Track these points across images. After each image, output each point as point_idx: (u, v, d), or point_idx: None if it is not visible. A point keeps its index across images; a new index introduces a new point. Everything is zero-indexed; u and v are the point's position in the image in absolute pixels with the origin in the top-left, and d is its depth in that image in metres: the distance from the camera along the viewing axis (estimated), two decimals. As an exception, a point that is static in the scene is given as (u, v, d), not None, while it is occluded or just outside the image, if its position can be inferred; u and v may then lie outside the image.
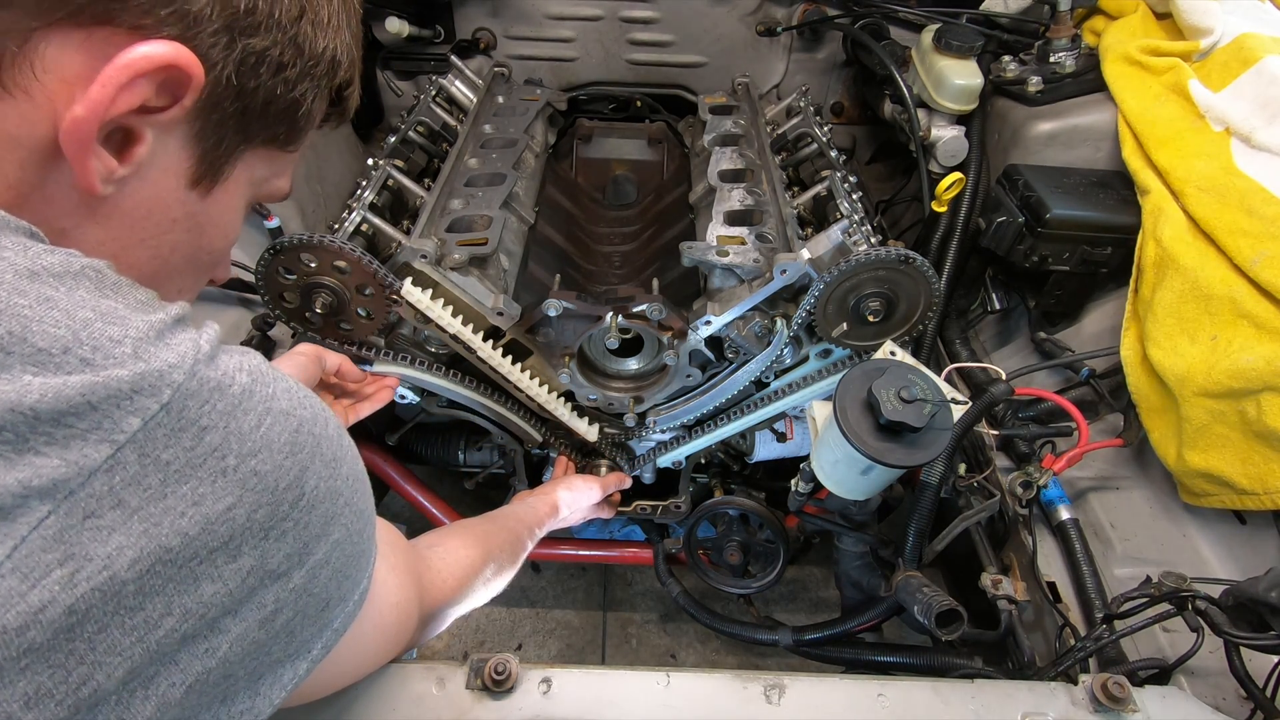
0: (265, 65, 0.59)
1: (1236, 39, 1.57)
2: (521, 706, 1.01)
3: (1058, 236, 1.57)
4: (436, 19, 2.22)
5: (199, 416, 0.49)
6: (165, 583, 0.48)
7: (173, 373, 0.49)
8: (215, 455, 0.50)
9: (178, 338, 0.50)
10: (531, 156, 1.88)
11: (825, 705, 1.03)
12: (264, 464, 0.53)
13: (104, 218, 0.57)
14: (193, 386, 0.49)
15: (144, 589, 0.47)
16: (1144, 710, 1.02)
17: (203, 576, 0.50)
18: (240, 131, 0.62)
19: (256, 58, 0.58)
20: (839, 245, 1.33)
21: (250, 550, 0.52)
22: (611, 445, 1.67)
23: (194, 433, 0.49)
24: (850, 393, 1.13)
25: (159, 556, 0.47)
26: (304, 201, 1.82)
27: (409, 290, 1.33)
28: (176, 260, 0.65)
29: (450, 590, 0.99)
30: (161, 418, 0.48)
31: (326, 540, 0.59)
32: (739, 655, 2.10)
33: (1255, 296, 1.25)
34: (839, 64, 2.35)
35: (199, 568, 0.50)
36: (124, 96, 0.51)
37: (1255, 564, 1.25)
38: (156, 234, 0.61)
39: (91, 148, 0.52)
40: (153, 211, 0.60)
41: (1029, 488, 1.38)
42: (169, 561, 0.48)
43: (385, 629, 0.80)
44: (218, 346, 0.53)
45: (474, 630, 2.16)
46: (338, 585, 0.62)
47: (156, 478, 0.47)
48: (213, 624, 0.52)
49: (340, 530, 0.60)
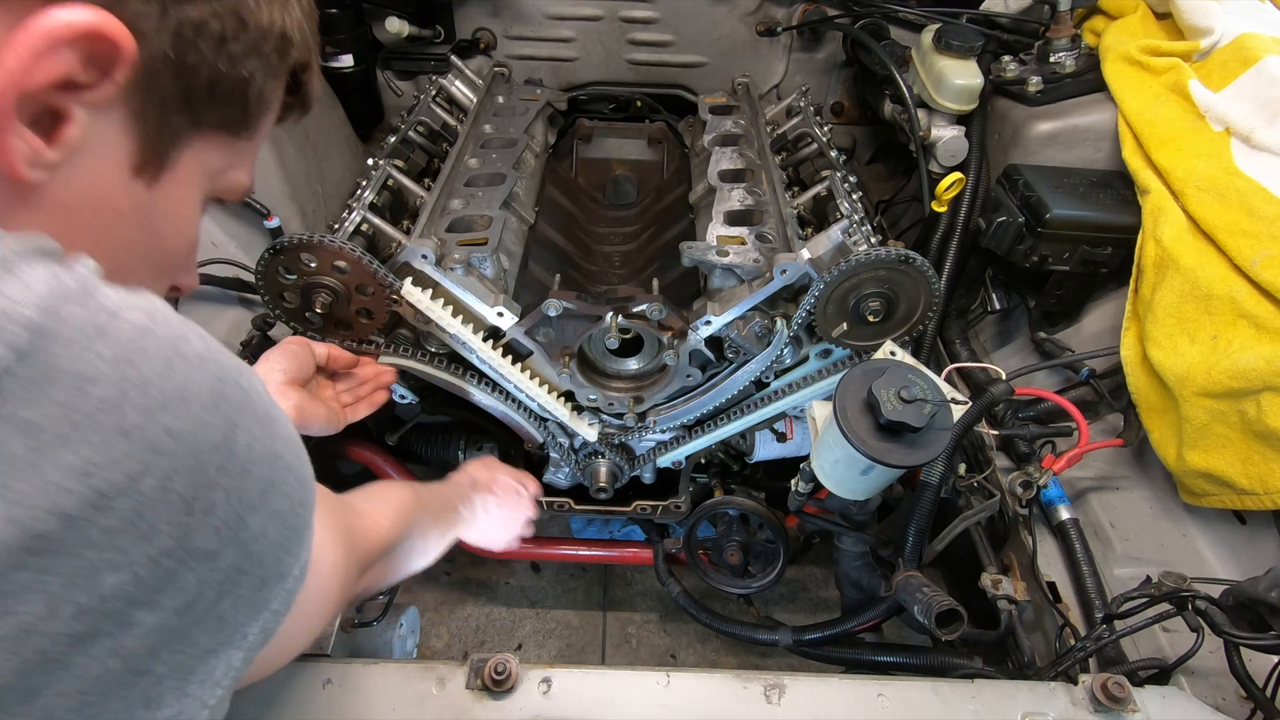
0: (205, 38, 0.55)
1: (1236, 39, 1.57)
2: (521, 706, 1.01)
3: (1058, 236, 1.57)
4: (436, 19, 2.22)
5: (75, 364, 0.41)
6: (42, 577, 0.39)
7: (19, 311, 0.40)
8: (107, 411, 0.41)
9: (30, 271, 0.42)
10: (531, 156, 1.88)
11: (825, 705, 1.03)
12: (179, 420, 0.44)
13: (38, 208, 0.52)
14: (56, 327, 0.41)
15: (8, 589, 0.39)
16: (1144, 710, 1.02)
17: (101, 565, 0.41)
18: (186, 113, 0.57)
19: (194, 29, 0.54)
20: (839, 245, 1.34)
21: (167, 528, 0.44)
22: (611, 445, 1.67)
23: (70, 385, 0.40)
24: (850, 393, 1.13)
25: (28, 546, 0.39)
26: (304, 201, 1.82)
27: (409, 290, 1.33)
28: (129, 260, 0.60)
29: (384, 532, 0.94)
30: (15, 367, 0.39)
31: (264, 511, 0.50)
32: (739, 655, 2.10)
33: (1255, 296, 1.25)
34: (839, 64, 2.35)
35: (94, 554, 0.41)
36: (42, 67, 0.46)
37: (1255, 564, 1.25)
38: (101, 227, 0.56)
39: (10, 125, 0.47)
40: (94, 202, 0.55)
41: (1029, 488, 1.38)
42: (46, 551, 0.39)
43: (326, 593, 0.75)
44: (94, 283, 0.44)
45: (474, 630, 2.16)
46: (276, 562, 0.53)
47: (19, 445, 0.39)
48: (118, 618, 0.43)
49: (281, 499, 0.52)
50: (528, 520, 1.44)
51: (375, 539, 0.92)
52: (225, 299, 1.70)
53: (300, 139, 1.85)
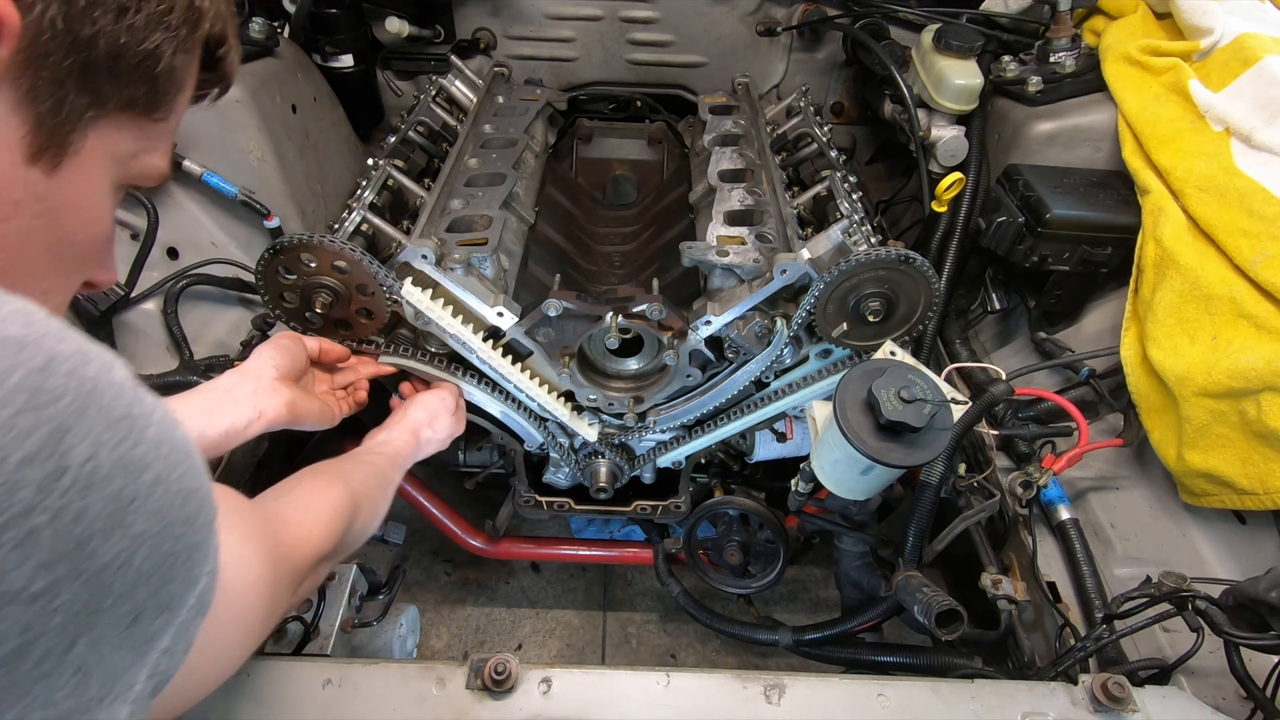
0: (100, 7, 0.50)
1: (1236, 39, 1.57)
2: (521, 706, 1.01)
3: (1058, 236, 1.57)
4: (436, 19, 2.22)
5: None
6: None
7: None
8: None
9: None
10: (531, 156, 1.88)
11: (825, 705, 1.03)
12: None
13: None
14: None
15: None
16: (1144, 710, 1.02)
17: None
18: (86, 92, 0.53)
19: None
20: (839, 245, 1.33)
21: None
22: (611, 445, 1.67)
23: None
24: (850, 393, 1.13)
25: None
26: (304, 201, 1.82)
27: (409, 290, 1.33)
28: (31, 252, 0.54)
29: (318, 540, 0.88)
30: None
31: (122, 534, 0.41)
32: (739, 655, 2.10)
33: (1255, 296, 1.25)
34: (839, 64, 2.35)
35: None
36: None
37: (1255, 564, 1.25)
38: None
39: None
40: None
41: (1029, 488, 1.38)
42: None
43: (250, 614, 0.68)
44: None
45: (474, 630, 2.16)
46: (153, 593, 0.44)
47: None
48: None
49: (147, 519, 0.42)
50: (454, 410, 1.40)
51: (309, 549, 0.86)
52: (225, 299, 1.70)
53: (300, 139, 1.85)
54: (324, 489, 0.94)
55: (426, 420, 1.34)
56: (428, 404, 1.36)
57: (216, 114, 1.63)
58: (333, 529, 0.90)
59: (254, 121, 1.68)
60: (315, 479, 0.97)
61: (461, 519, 1.95)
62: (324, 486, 0.95)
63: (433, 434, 1.34)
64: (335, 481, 0.97)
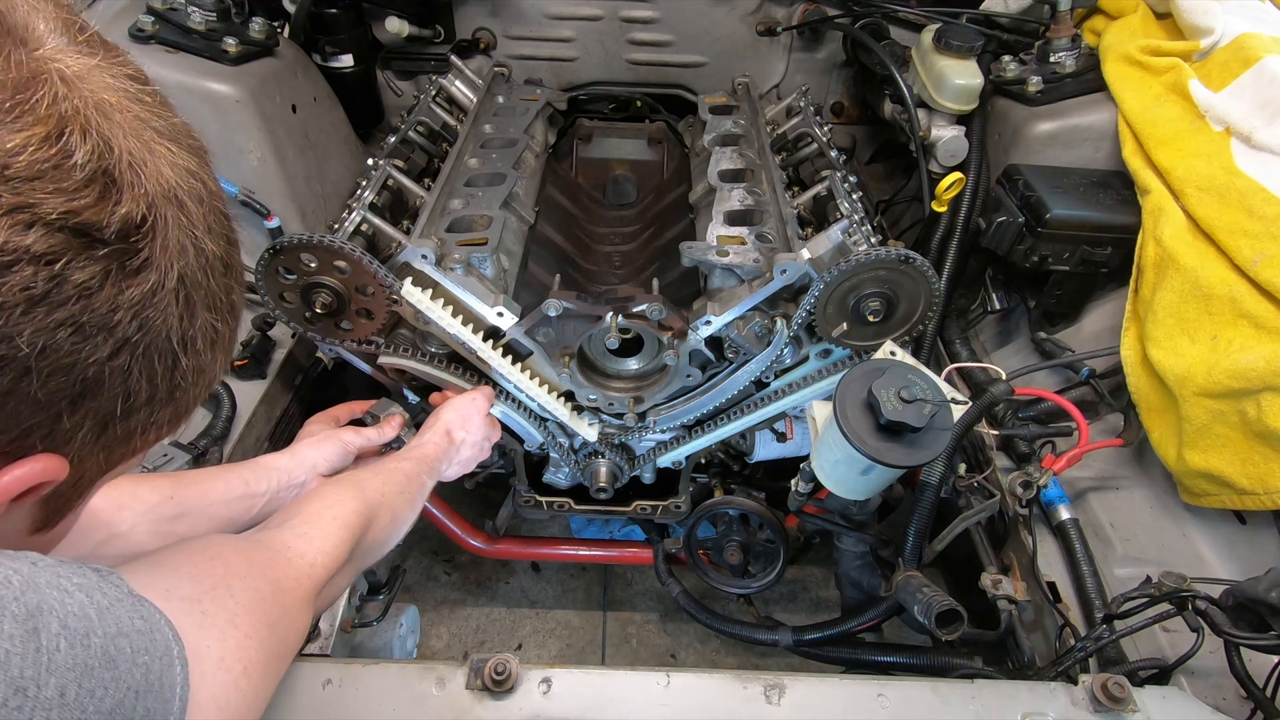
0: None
1: (1236, 39, 1.57)
2: (521, 706, 1.01)
3: (1058, 236, 1.57)
4: (436, 19, 2.22)
5: None
6: None
7: None
8: None
9: None
10: (531, 156, 1.88)
11: (825, 705, 1.03)
12: None
13: None
14: None
15: None
16: (1144, 710, 1.02)
17: None
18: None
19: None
20: (839, 245, 1.34)
21: None
22: (611, 445, 1.67)
23: None
24: (850, 393, 1.13)
25: None
26: (304, 201, 1.82)
27: (409, 290, 1.33)
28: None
29: (324, 564, 0.88)
30: None
31: None
32: (739, 655, 2.10)
33: (1255, 296, 1.25)
34: (839, 64, 2.35)
35: None
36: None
37: (1255, 564, 1.25)
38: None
39: None
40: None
41: (1029, 488, 1.38)
42: None
43: (239, 706, 0.67)
44: None
45: (474, 630, 2.16)
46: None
47: None
48: None
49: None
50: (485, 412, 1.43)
51: (316, 575, 0.86)
52: (225, 299, 1.70)
53: (300, 139, 1.85)
54: (333, 505, 0.95)
55: (459, 421, 1.36)
56: (459, 406, 1.39)
57: (217, 114, 1.63)
58: (340, 546, 0.91)
59: (254, 121, 1.67)
60: (326, 495, 0.98)
61: (461, 519, 1.95)
62: (334, 503, 0.96)
63: (466, 434, 1.36)
64: (346, 495, 0.98)
